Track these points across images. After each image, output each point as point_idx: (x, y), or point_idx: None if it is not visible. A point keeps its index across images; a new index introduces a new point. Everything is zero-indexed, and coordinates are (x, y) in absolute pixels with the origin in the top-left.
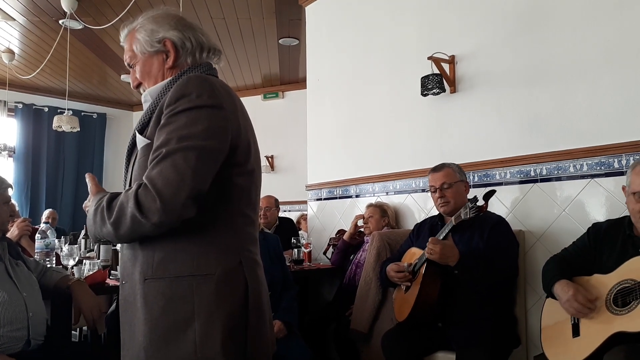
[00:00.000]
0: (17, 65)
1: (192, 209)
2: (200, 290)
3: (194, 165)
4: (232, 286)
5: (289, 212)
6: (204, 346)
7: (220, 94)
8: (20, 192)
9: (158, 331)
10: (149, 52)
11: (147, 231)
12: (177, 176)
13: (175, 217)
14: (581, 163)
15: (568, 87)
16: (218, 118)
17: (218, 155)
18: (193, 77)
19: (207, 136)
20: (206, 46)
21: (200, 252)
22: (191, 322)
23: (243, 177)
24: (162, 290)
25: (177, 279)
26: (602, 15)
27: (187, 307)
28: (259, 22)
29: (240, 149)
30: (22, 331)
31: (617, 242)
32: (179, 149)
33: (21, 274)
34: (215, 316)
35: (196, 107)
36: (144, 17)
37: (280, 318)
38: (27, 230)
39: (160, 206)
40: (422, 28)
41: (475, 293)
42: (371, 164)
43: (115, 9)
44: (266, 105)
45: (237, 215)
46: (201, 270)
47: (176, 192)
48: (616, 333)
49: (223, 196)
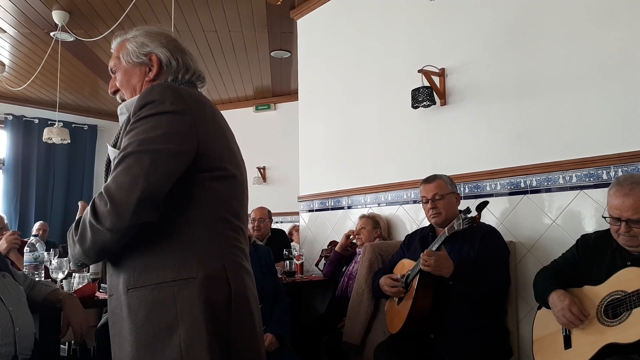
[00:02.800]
0: (7, 76)
1: (147, 212)
2: (182, 295)
3: (147, 168)
4: (215, 290)
5: (281, 223)
6: (189, 350)
7: (185, 101)
8: (10, 204)
9: (143, 339)
10: (133, 62)
11: (107, 240)
12: (129, 179)
13: (127, 220)
14: (570, 175)
15: (557, 100)
16: (179, 123)
17: (178, 159)
18: (156, 85)
19: (164, 140)
20: (191, 70)
21: (180, 258)
22: (175, 328)
23: (218, 182)
24: (145, 298)
25: (159, 285)
26: (590, 28)
27: (170, 313)
28: (251, 34)
29: (211, 155)
30: (9, 347)
31: (606, 254)
32: (134, 152)
33: (7, 287)
34: (200, 320)
35: (157, 113)
36: (139, 30)
37: (271, 331)
38: (16, 243)
39: (111, 209)
40: (413, 41)
41: (468, 304)
42: (363, 175)
43: (107, 22)
44: (258, 117)
45: (215, 219)
46: (182, 275)
47: (127, 194)
48: (608, 344)
49: (196, 200)
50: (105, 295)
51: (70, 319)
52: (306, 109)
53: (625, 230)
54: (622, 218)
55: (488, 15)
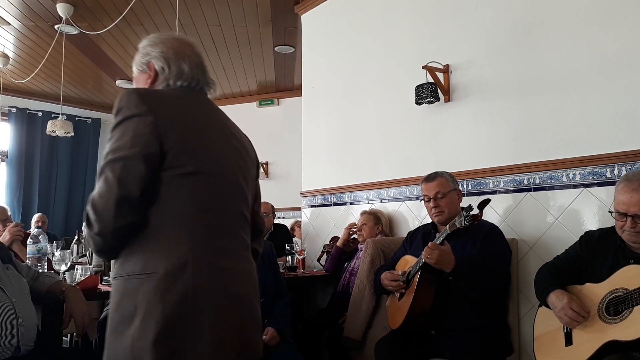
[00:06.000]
0: (11, 69)
1: (127, 214)
2: (143, 288)
3: (120, 174)
4: (173, 286)
5: (283, 218)
6: (137, 342)
7: (147, 102)
8: (13, 196)
9: (113, 324)
10: (139, 71)
11: (100, 242)
12: (106, 188)
13: (110, 225)
14: (574, 172)
15: (561, 97)
16: (143, 125)
17: (146, 160)
18: (123, 92)
19: (131, 145)
20: (186, 76)
21: (148, 252)
22: (134, 318)
23: (186, 178)
24: (118, 287)
25: (130, 277)
26: (594, 26)
27: (132, 304)
28: (255, 29)
29: (177, 153)
30: (12, 337)
31: (609, 252)
32: (108, 162)
33: (11, 279)
34: (151, 314)
35: (124, 119)
36: (147, 39)
37: (273, 325)
38: (19, 235)
39: (95, 217)
40: (417, 37)
41: (469, 301)
42: (365, 171)
43: (111, 15)
44: (261, 112)
45: (184, 216)
46: (147, 269)
47: (105, 202)
48: (609, 342)
49: (165, 198)
50: (107, 288)
51: (72, 311)
52: (310, 104)
53: (630, 226)
54: (629, 213)
55: (491, 13)
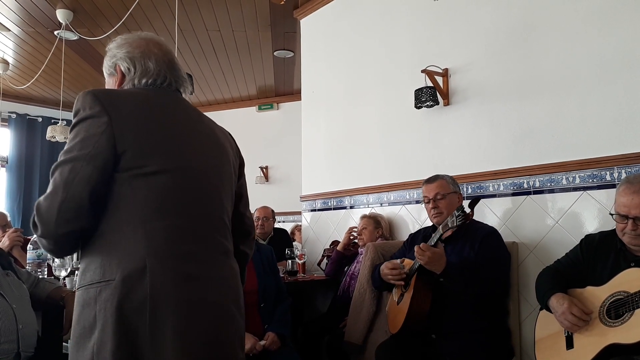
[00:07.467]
0: (11, 75)
1: (70, 222)
2: (101, 297)
3: (66, 177)
4: (130, 292)
5: (283, 222)
6: (98, 354)
7: (102, 103)
8: (13, 202)
9: (75, 337)
10: (108, 74)
11: (44, 244)
12: (52, 190)
13: (53, 228)
14: (573, 175)
15: (560, 100)
16: (96, 126)
17: (95, 162)
18: (79, 95)
19: (81, 147)
20: (151, 74)
21: (107, 259)
22: (94, 330)
23: (144, 179)
24: (79, 299)
25: (90, 286)
26: (592, 29)
27: (91, 314)
28: (254, 34)
29: (133, 153)
30: (12, 344)
31: (610, 255)
32: (58, 164)
33: (11, 285)
34: (109, 323)
35: (79, 121)
36: (114, 42)
37: (273, 330)
38: (19, 241)
39: (38, 219)
40: (416, 41)
41: (468, 304)
42: (365, 175)
43: (110, 21)
44: (261, 116)
45: (143, 219)
46: (105, 276)
47: (49, 205)
48: (610, 345)
49: (122, 200)
50: None
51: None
52: (309, 108)
53: (631, 228)
54: (630, 215)
55: (490, 17)
